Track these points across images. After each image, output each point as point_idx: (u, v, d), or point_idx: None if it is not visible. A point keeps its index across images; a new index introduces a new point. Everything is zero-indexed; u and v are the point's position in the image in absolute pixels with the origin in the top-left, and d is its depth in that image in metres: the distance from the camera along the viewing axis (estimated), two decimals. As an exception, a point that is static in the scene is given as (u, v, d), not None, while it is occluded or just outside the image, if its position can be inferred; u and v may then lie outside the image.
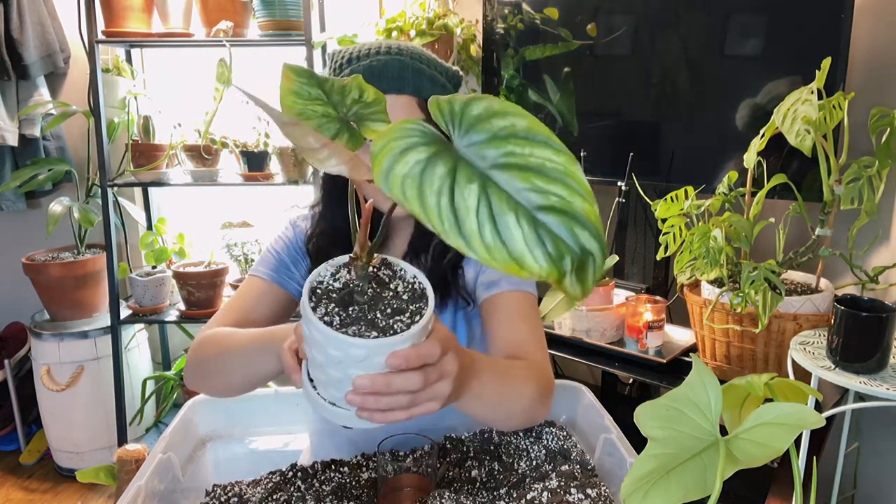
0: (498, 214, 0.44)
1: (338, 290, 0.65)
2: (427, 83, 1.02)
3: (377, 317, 0.63)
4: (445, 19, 2.06)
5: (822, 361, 1.28)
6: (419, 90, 1.01)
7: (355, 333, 0.61)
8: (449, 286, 1.08)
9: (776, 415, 0.49)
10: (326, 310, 0.62)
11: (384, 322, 0.63)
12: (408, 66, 1.00)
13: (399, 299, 0.65)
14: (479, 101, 0.50)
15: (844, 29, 1.43)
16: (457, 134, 0.49)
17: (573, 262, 0.44)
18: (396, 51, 1.01)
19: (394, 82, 0.99)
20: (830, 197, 1.36)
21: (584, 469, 0.90)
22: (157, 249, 2.41)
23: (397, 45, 1.02)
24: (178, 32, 2.18)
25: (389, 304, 0.65)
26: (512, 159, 0.46)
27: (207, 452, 0.99)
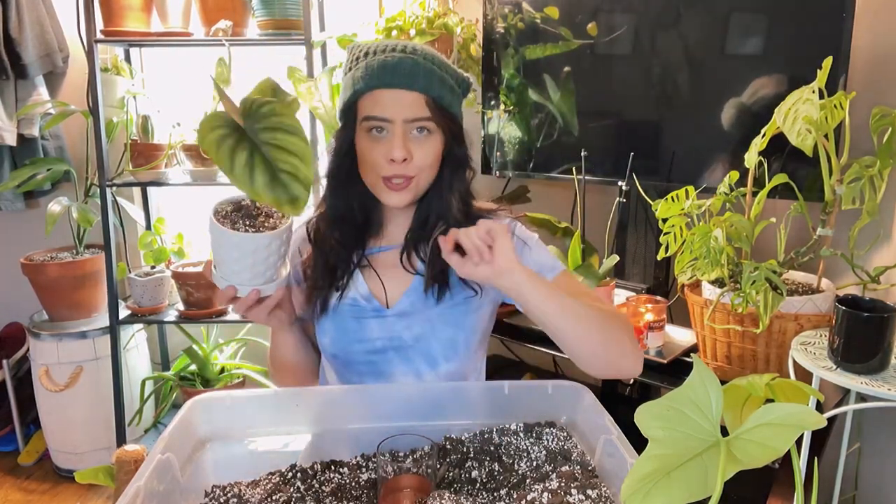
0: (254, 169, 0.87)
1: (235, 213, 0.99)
2: (436, 83, 1.06)
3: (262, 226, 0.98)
4: (445, 18, 2.06)
5: (823, 362, 1.27)
6: (428, 89, 1.05)
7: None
8: (448, 277, 1.13)
9: (777, 415, 0.49)
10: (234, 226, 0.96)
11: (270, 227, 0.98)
12: (420, 65, 1.05)
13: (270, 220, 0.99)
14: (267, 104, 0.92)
15: (846, 28, 1.43)
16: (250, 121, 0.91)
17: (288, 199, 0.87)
18: (411, 50, 1.06)
19: (406, 78, 1.04)
20: (832, 197, 1.35)
21: (585, 470, 0.90)
22: (156, 249, 2.40)
23: (413, 46, 1.07)
24: (178, 32, 2.18)
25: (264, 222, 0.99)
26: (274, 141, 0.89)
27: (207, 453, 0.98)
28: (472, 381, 1.23)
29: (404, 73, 1.03)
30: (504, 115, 2.02)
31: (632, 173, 1.73)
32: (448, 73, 1.09)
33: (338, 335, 1.17)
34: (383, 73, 1.04)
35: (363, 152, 1.08)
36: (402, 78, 1.03)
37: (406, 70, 1.04)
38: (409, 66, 1.04)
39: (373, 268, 1.17)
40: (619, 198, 1.79)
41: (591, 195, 1.87)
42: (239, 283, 0.99)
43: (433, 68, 1.06)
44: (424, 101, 1.05)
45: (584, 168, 1.78)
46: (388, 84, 1.04)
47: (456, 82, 1.10)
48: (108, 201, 2.21)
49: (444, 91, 1.06)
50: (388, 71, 1.04)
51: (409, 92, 1.04)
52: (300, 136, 0.88)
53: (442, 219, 1.12)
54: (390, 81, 1.04)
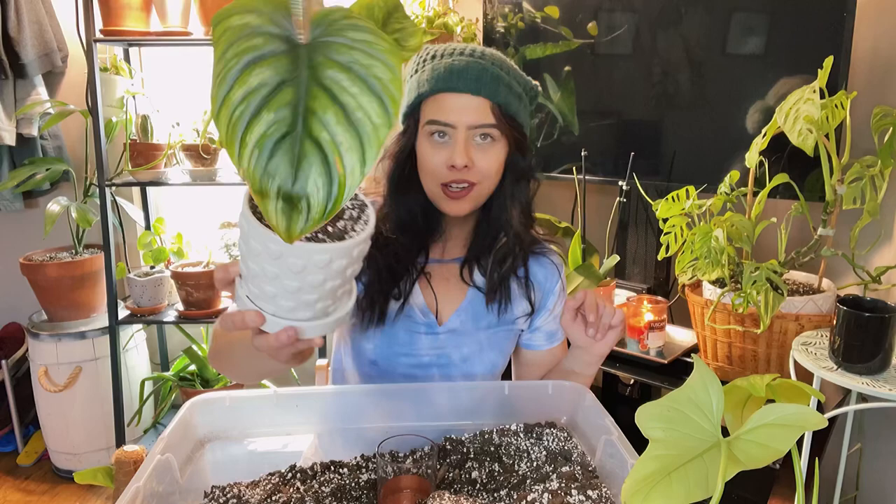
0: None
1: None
2: (503, 89, 1.02)
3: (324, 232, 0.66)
4: (445, 18, 2.06)
5: (824, 362, 1.27)
6: (494, 94, 1.01)
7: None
8: (497, 295, 1.12)
9: (778, 416, 0.49)
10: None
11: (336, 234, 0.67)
12: (487, 70, 1.01)
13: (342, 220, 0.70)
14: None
15: (847, 28, 1.43)
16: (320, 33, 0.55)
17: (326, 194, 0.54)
18: (479, 54, 1.03)
19: (472, 83, 1.00)
20: (833, 197, 1.35)
21: (585, 470, 0.89)
22: (156, 249, 2.40)
23: (482, 50, 1.04)
24: (177, 31, 2.18)
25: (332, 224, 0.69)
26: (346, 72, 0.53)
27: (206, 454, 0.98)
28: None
29: (471, 77, 1.00)
30: (504, 115, 2.02)
31: (632, 173, 1.73)
32: (516, 79, 1.05)
33: (385, 344, 1.13)
34: (449, 76, 1.01)
35: (424, 157, 1.05)
36: (469, 82, 1.00)
37: (473, 74, 1.00)
38: (476, 70, 1.00)
39: (428, 280, 1.14)
40: (620, 198, 1.79)
41: (592, 195, 1.86)
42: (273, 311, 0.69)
43: (501, 74, 1.02)
44: (489, 107, 1.01)
45: (584, 168, 1.77)
46: (454, 88, 1.01)
47: (524, 90, 1.07)
48: (108, 201, 2.20)
49: (511, 98, 1.03)
50: (454, 74, 1.00)
51: (475, 97, 1.00)
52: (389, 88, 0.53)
53: (503, 231, 1.10)
54: (455, 85, 1.01)
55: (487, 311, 1.12)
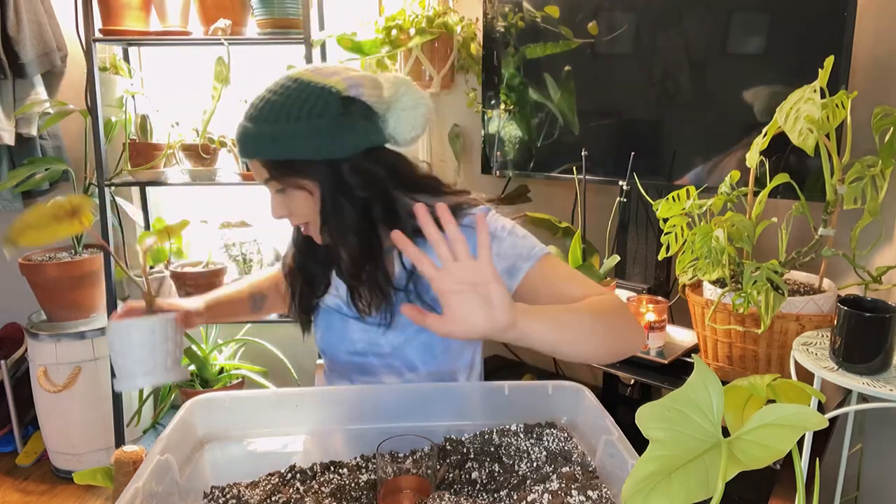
0: None
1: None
2: (264, 145, 1.01)
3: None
4: (445, 17, 2.06)
5: (824, 362, 1.27)
6: (258, 153, 1.03)
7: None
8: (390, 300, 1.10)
9: (779, 416, 0.49)
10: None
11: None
12: (248, 131, 1.02)
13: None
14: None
15: (847, 27, 1.43)
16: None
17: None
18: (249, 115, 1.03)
19: (242, 151, 1.04)
20: (833, 196, 1.35)
21: (585, 471, 0.89)
22: (155, 250, 2.40)
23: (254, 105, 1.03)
24: (176, 31, 2.17)
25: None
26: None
27: (205, 454, 0.98)
28: (465, 378, 1.22)
29: (241, 144, 1.04)
30: (504, 115, 2.02)
31: (633, 173, 1.73)
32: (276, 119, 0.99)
33: (325, 333, 1.21)
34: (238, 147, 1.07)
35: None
36: (241, 150, 1.04)
37: (240, 141, 1.04)
38: (241, 137, 1.03)
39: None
40: (620, 197, 1.79)
41: (592, 195, 1.86)
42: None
43: (260, 129, 1.00)
44: (262, 164, 1.03)
45: (584, 167, 1.77)
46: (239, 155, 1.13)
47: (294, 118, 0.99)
48: (107, 201, 2.20)
49: (278, 146, 1.00)
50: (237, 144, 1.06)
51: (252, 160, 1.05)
52: None
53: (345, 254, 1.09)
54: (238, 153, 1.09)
55: (414, 292, 1.10)
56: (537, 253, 1.07)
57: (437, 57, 2.08)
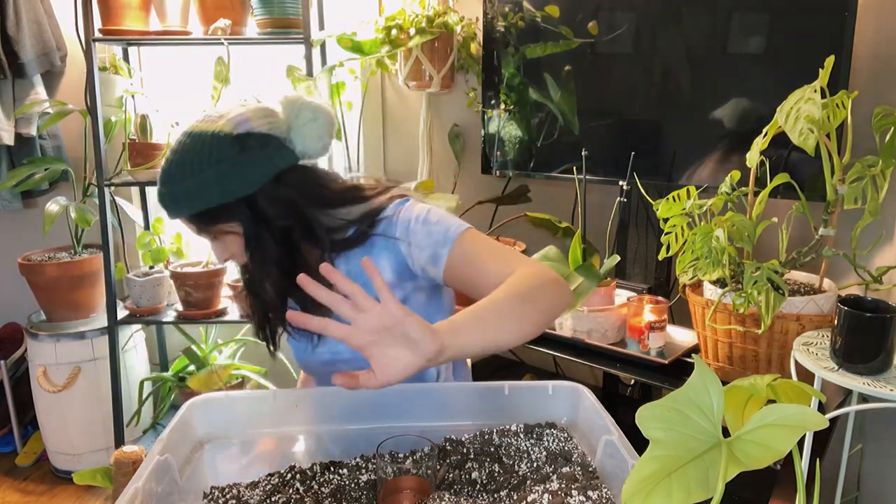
0: None
1: None
2: (179, 204, 1.05)
3: None
4: (445, 17, 2.06)
5: (825, 362, 1.27)
6: (177, 213, 1.07)
7: None
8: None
9: (779, 416, 0.49)
10: None
11: None
12: (163, 195, 1.07)
13: None
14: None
15: (848, 27, 1.42)
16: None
17: None
18: (161, 179, 1.07)
19: (169, 215, 1.09)
20: (834, 196, 1.35)
21: (586, 471, 0.89)
22: (155, 249, 2.40)
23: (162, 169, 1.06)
24: (176, 30, 2.17)
25: None
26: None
27: (205, 454, 0.98)
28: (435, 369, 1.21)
29: (163, 209, 1.08)
30: (504, 115, 2.02)
31: (633, 173, 1.73)
32: (182, 176, 1.03)
33: (295, 349, 1.24)
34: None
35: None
36: (167, 214, 1.09)
37: (161, 206, 1.09)
38: (160, 201, 1.08)
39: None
40: (620, 197, 1.78)
41: (592, 195, 1.86)
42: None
43: (173, 191, 1.05)
44: (187, 221, 1.08)
45: (584, 167, 1.77)
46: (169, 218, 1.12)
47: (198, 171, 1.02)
48: (107, 201, 2.20)
49: (192, 201, 1.04)
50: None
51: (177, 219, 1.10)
52: None
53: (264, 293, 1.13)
54: (167, 216, 1.11)
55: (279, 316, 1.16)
56: (452, 235, 1.06)
57: (436, 57, 2.08)
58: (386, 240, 1.11)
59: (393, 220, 1.11)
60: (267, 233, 1.07)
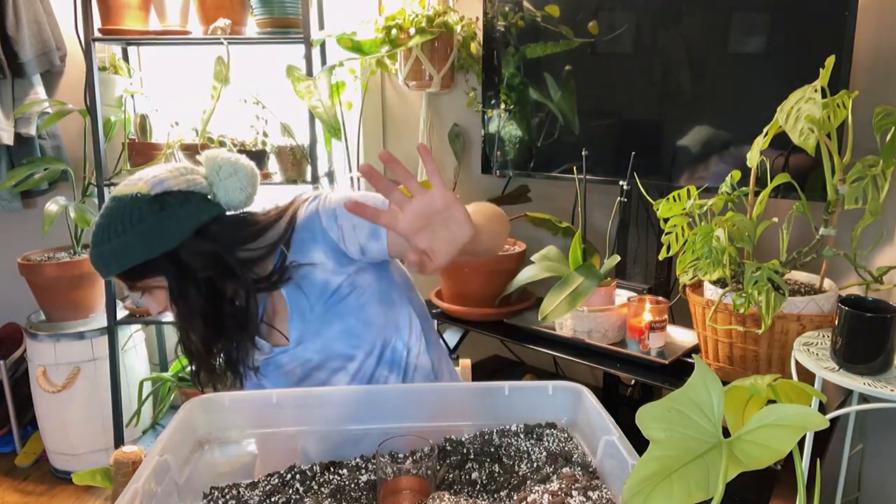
0: None
1: None
2: (109, 264, 1.10)
3: None
4: (445, 17, 2.05)
5: (825, 362, 1.27)
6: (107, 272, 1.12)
7: None
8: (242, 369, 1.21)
9: (779, 416, 0.49)
10: None
11: None
12: (95, 258, 1.10)
13: None
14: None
15: (848, 26, 1.42)
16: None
17: None
18: (92, 243, 1.11)
19: (102, 274, 1.13)
20: (834, 196, 1.34)
21: (586, 471, 0.89)
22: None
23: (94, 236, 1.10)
24: (176, 30, 2.17)
25: None
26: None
27: (205, 454, 0.97)
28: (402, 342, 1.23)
29: (96, 269, 1.12)
30: (504, 114, 2.02)
31: (633, 173, 1.73)
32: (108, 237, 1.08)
33: (271, 381, 1.24)
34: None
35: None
36: (100, 273, 1.13)
37: (94, 266, 1.12)
38: (93, 263, 1.12)
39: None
40: (621, 197, 1.78)
41: (592, 195, 1.86)
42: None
43: (102, 252, 1.09)
44: (118, 278, 1.13)
45: (584, 167, 1.77)
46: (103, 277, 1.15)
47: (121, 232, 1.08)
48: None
49: (119, 260, 1.09)
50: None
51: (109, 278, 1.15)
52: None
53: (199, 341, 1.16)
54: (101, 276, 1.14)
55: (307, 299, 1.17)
56: (381, 204, 1.09)
57: (436, 56, 2.08)
58: (313, 234, 1.15)
59: (314, 214, 1.16)
60: (191, 284, 1.12)
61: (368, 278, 1.19)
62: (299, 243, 1.16)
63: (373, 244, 1.12)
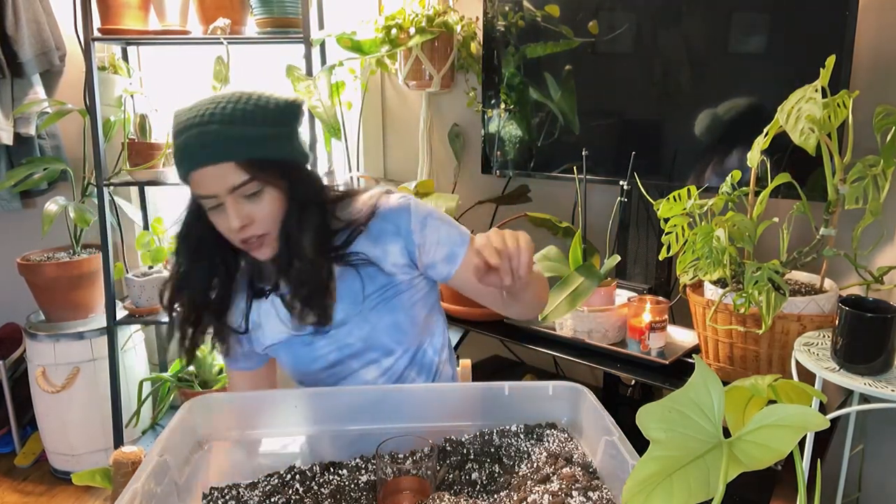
0: None
1: None
2: (237, 144, 1.03)
3: None
4: (445, 16, 2.05)
5: (826, 363, 1.26)
6: (231, 154, 1.03)
7: None
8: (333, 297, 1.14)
9: (780, 417, 0.49)
10: None
11: None
12: (211, 134, 1.02)
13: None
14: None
15: (849, 26, 1.42)
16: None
17: None
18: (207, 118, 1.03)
19: (207, 155, 1.03)
20: (835, 196, 1.34)
21: (586, 471, 0.89)
22: (154, 249, 2.39)
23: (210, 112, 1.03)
24: (175, 30, 2.17)
25: None
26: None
27: (205, 455, 0.97)
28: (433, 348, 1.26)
29: (204, 149, 1.02)
30: (504, 114, 2.01)
31: (633, 172, 1.72)
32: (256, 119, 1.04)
33: (294, 362, 1.22)
34: (190, 156, 1.04)
35: (216, 224, 1.09)
36: (205, 156, 1.02)
37: (205, 144, 1.02)
38: (205, 140, 1.02)
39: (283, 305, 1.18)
40: (621, 197, 1.78)
41: (593, 195, 1.86)
42: None
43: (231, 130, 1.02)
44: (235, 166, 1.03)
45: (584, 167, 1.77)
46: (197, 165, 1.03)
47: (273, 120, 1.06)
48: (106, 201, 2.20)
49: (253, 145, 1.03)
50: (190, 152, 1.03)
51: (218, 164, 1.02)
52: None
53: (298, 259, 1.10)
54: (197, 162, 1.03)
55: (363, 286, 1.15)
56: (466, 237, 1.18)
57: (436, 56, 2.08)
58: (398, 228, 1.15)
59: (404, 210, 1.16)
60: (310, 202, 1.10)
61: (423, 286, 1.22)
62: (378, 231, 1.15)
63: (443, 266, 1.17)
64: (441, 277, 1.19)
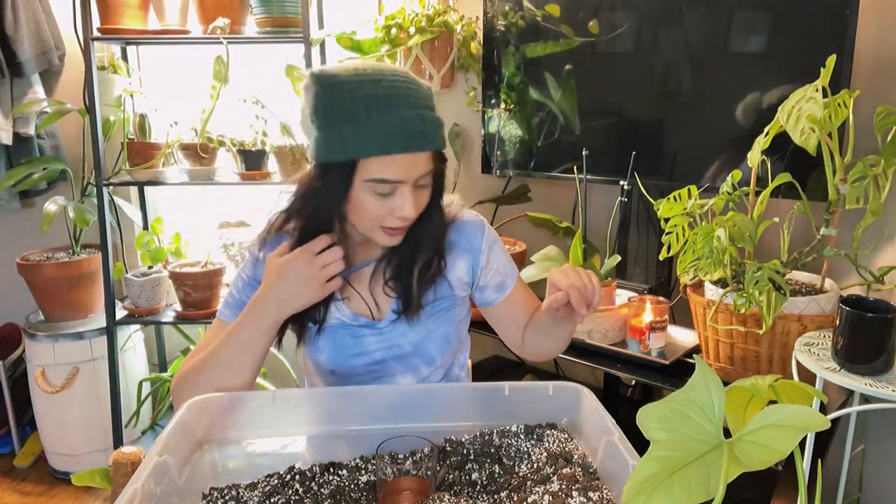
0: None
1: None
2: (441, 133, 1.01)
3: None
4: (445, 16, 2.05)
5: (826, 363, 1.26)
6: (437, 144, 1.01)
7: None
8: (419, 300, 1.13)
9: (780, 417, 0.49)
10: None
11: None
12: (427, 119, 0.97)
13: None
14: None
15: (849, 26, 1.42)
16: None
17: None
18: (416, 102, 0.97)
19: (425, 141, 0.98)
20: (835, 196, 1.34)
21: (586, 472, 0.89)
22: (154, 249, 2.39)
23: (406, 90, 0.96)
24: (175, 29, 2.17)
25: None
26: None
27: (204, 455, 0.97)
28: (459, 364, 1.28)
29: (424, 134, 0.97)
30: (504, 114, 2.01)
31: (633, 172, 1.72)
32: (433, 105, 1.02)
33: (335, 352, 1.17)
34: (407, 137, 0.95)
35: (365, 207, 1.01)
36: (423, 141, 0.97)
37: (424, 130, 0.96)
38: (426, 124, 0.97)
39: (353, 287, 1.15)
40: (621, 197, 1.78)
41: (593, 194, 1.86)
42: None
43: (438, 117, 1.00)
44: (431, 155, 1.01)
45: (585, 167, 1.77)
46: (414, 148, 0.97)
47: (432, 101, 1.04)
48: (105, 201, 2.19)
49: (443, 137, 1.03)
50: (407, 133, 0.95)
51: (423, 153, 0.98)
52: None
53: (424, 242, 1.10)
54: (416, 145, 0.96)
55: (434, 292, 1.16)
56: (517, 272, 1.23)
57: (437, 56, 2.08)
58: (469, 244, 1.17)
59: (479, 227, 1.18)
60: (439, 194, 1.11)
61: (467, 303, 1.25)
62: (450, 242, 1.15)
63: (492, 293, 1.20)
64: (486, 302, 1.22)
